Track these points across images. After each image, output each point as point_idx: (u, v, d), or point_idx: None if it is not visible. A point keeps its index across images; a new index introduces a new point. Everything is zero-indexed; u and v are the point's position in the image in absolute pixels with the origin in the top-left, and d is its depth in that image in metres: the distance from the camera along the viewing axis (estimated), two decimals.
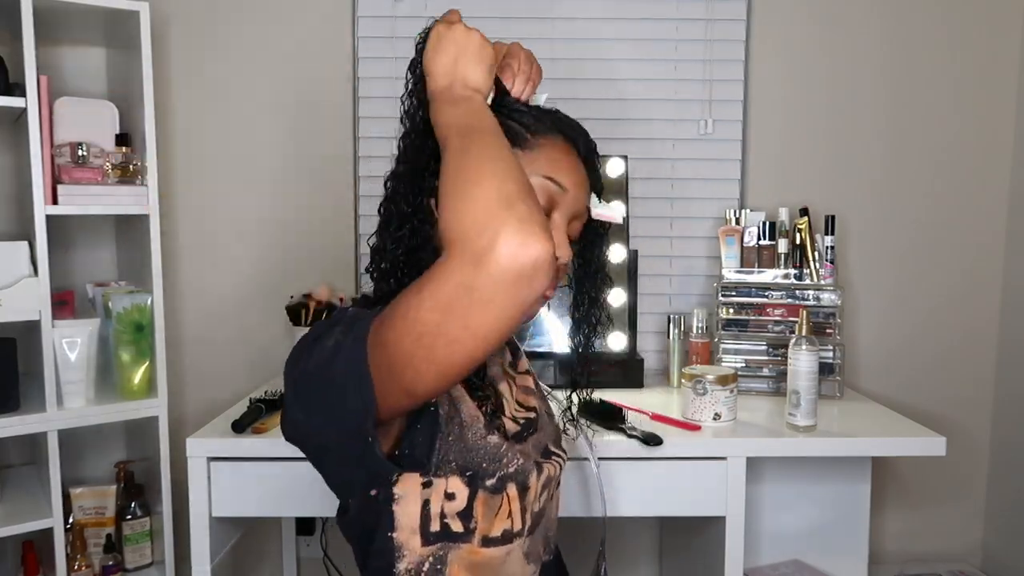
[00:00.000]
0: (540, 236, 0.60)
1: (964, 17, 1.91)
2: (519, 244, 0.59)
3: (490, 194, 0.62)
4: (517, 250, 0.59)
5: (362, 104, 1.89)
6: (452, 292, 0.61)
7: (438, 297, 0.62)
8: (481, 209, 0.61)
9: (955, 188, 1.94)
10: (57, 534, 1.52)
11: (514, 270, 0.59)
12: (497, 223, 0.60)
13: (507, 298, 0.61)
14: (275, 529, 1.93)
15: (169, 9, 1.84)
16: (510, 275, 0.59)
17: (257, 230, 1.90)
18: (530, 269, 0.60)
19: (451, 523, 0.77)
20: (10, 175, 1.75)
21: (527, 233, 0.60)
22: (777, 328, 1.73)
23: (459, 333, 0.62)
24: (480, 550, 0.79)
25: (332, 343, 0.70)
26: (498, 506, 0.79)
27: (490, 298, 0.60)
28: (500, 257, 0.59)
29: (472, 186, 0.64)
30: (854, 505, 1.66)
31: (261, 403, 1.45)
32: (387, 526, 0.77)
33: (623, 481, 1.34)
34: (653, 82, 1.91)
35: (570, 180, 0.81)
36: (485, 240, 0.60)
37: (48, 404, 1.51)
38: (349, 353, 0.68)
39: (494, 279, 0.60)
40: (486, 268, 0.59)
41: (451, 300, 0.61)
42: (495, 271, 0.59)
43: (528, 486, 0.81)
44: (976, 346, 1.98)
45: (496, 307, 0.61)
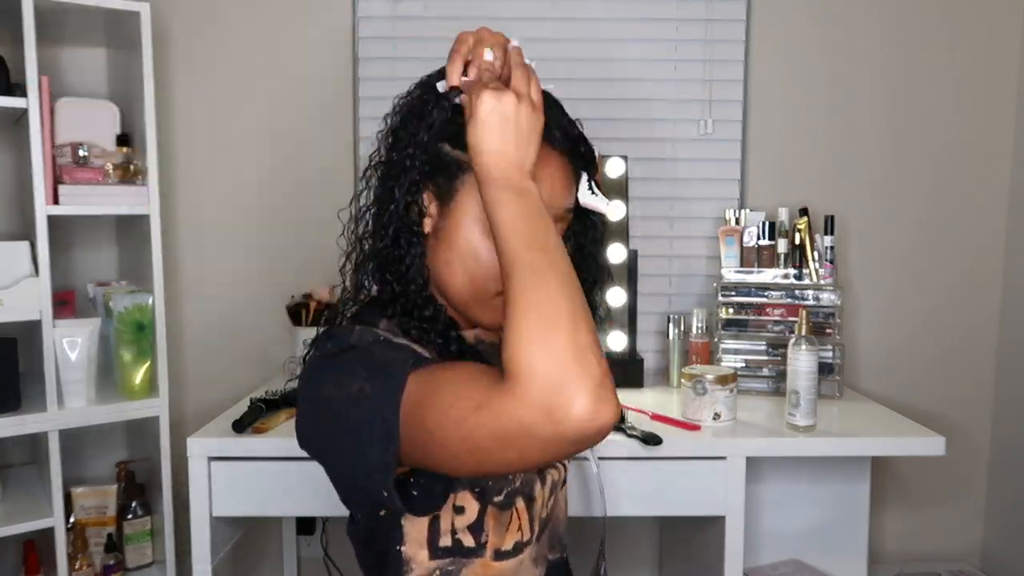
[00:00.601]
0: (612, 402, 0.60)
1: (964, 17, 1.91)
2: (593, 412, 0.59)
3: (567, 345, 0.61)
4: (592, 417, 0.59)
5: (362, 104, 1.89)
6: (515, 429, 0.61)
7: (498, 429, 0.62)
8: (558, 361, 0.60)
9: (955, 188, 1.94)
10: (58, 534, 1.53)
11: (585, 434, 0.60)
12: (575, 385, 0.59)
13: (569, 450, 0.62)
14: (275, 529, 1.93)
15: (169, 9, 1.84)
16: (578, 436, 0.60)
17: (257, 230, 1.90)
18: (597, 434, 0.60)
19: (463, 538, 0.78)
20: (11, 175, 1.76)
21: (602, 400, 0.59)
22: (777, 328, 1.73)
23: (512, 459, 0.63)
24: (493, 564, 0.80)
25: (357, 387, 0.69)
26: (508, 521, 0.80)
27: (553, 447, 0.61)
28: (573, 420, 0.59)
29: (549, 329, 0.62)
30: (854, 505, 1.66)
31: (261, 403, 1.46)
32: (396, 539, 0.78)
33: (623, 481, 1.34)
34: (653, 82, 1.91)
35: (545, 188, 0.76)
36: (562, 398, 0.59)
37: (49, 404, 1.51)
38: (378, 407, 0.67)
39: (562, 436, 0.59)
40: (557, 424, 0.59)
41: (513, 436, 0.61)
42: (565, 430, 0.59)
43: (534, 497, 0.82)
44: (976, 346, 1.98)
45: (556, 453, 0.63)
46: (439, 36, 1.86)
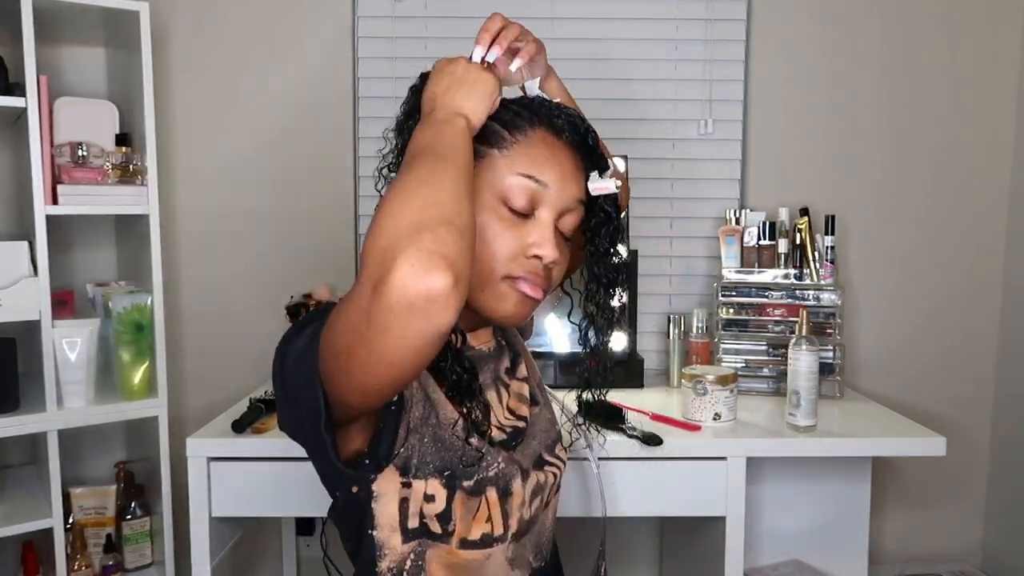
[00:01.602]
0: (437, 268, 0.56)
1: (964, 17, 1.91)
2: (412, 275, 0.56)
3: (402, 221, 0.59)
4: (409, 280, 0.56)
5: (362, 104, 1.88)
6: (355, 317, 0.60)
7: (347, 319, 0.61)
8: (389, 234, 0.59)
9: (955, 188, 1.94)
10: (57, 534, 1.52)
11: (404, 301, 0.56)
12: (394, 251, 0.57)
13: (402, 328, 0.58)
14: (275, 529, 1.93)
15: (169, 9, 1.84)
16: (401, 306, 0.57)
17: (257, 230, 1.90)
18: (422, 302, 0.56)
19: (429, 523, 0.77)
20: (10, 175, 1.75)
21: (423, 264, 0.56)
22: (777, 328, 1.73)
23: (366, 357, 0.61)
24: (458, 551, 0.79)
25: (302, 342, 0.71)
26: (476, 508, 0.78)
27: (384, 327, 0.58)
28: (391, 287, 0.56)
29: (395, 208, 0.61)
30: (854, 505, 1.66)
31: (261, 403, 1.45)
32: (369, 524, 0.77)
33: (623, 481, 1.34)
34: (653, 82, 1.91)
35: (553, 174, 0.78)
36: (383, 268, 0.57)
37: (48, 404, 1.51)
38: (306, 351, 0.69)
39: (385, 309, 0.57)
40: (379, 297, 0.57)
41: (356, 324, 0.60)
42: (385, 301, 0.57)
43: (511, 491, 0.80)
44: (976, 346, 1.97)
45: (392, 336, 0.59)
46: (439, 36, 1.88)
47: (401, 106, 0.85)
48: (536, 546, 0.89)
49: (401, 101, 0.86)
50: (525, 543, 0.86)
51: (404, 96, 0.86)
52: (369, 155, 1.89)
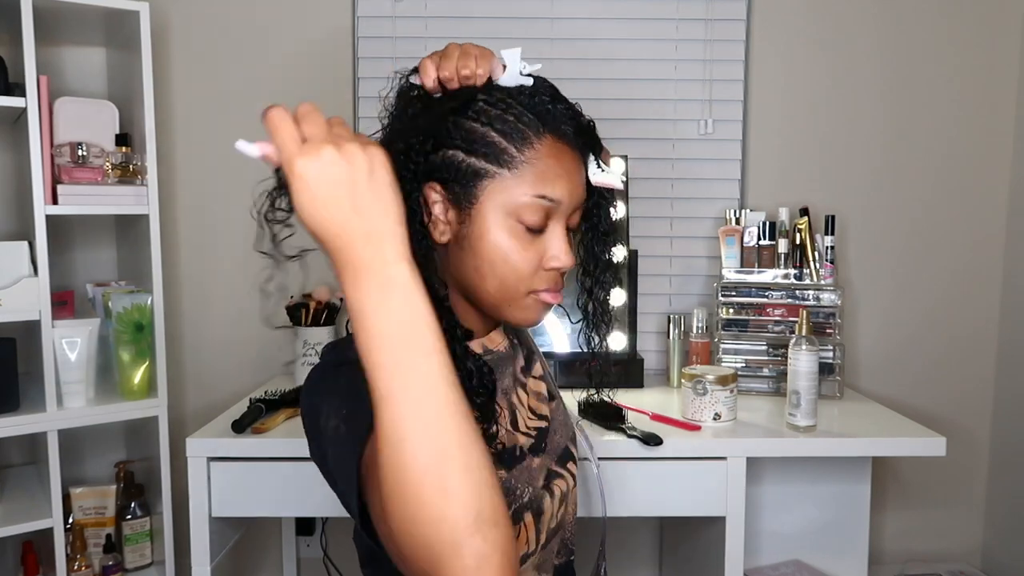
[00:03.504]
0: (491, 559, 0.51)
1: (964, 17, 1.91)
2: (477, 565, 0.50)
3: (425, 522, 0.51)
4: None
5: (362, 104, 1.88)
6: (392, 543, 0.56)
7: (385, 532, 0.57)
8: (420, 543, 0.51)
9: (955, 188, 1.94)
10: (57, 534, 1.52)
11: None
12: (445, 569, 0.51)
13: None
14: (275, 529, 1.93)
15: (169, 9, 1.84)
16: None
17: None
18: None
19: None
20: (10, 175, 1.75)
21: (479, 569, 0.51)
22: (777, 328, 1.73)
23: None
24: None
25: (334, 425, 0.67)
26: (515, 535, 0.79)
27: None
28: None
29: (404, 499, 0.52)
30: (854, 505, 1.66)
31: (261, 403, 1.45)
32: None
33: (623, 481, 1.34)
34: (653, 82, 1.91)
35: (562, 186, 0.76)
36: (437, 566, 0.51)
37: (48, 404, 1.51)
38: (345, 457, 0.65)
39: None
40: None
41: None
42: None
43: (543, 511, 0.82)
44: (976, 346, 1.97)
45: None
46: (439, 36, 1.88)
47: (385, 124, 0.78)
48: (560, 544, 0.90)
49: None
50: (551, 546, 0.87)
51: None
52: None
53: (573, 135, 0.78)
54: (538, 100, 0.76)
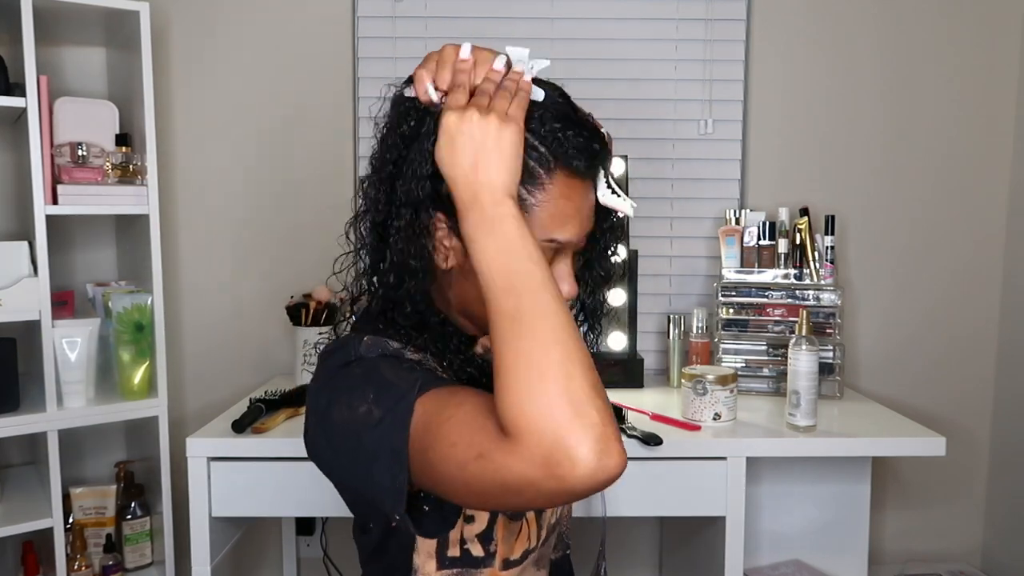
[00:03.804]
0: (617, 452, 0.58)
1: (964, 17, 1.91)
2: (597, 466, 0.56)
3: (561, 398, 0.58)
4: (595, 470, 0.56)
5: (362, 104, 1.88)
6: (518, 482, 0.59)
7: (500, 480, 0.60)
8: (553, 415, 0.57)
9: (955, 188, 1.94)
10: (57, 534, 1.52)
11: (591, 487, 0.57)
12: (574, 439, 0.56)
13: (577, 499, 0.60)
14: (275, 529, 1.93)
15: (169, 9, 1.84)
16: (585, 489, 0.58)
17: (257, 230, 1.90)
18: (603, 484, 0.58)
19: (471, 547, 0.78)
20: (10, 175, 1.75)
21: (606, 453, 0.57)
22: (777, 328, 1.73)
23: (517, 503, 0.63)
24: (501, 573, 0.80)
25: (365, 409, 0.67)
26: (519, 530, 0.80)
27: (560, 498, 0.60)
28: (578, 475, 0.56)
29: (541, 382, 0.59)
30: (854, 505, 1.66)
31: (261, 403, 1.45)
32: (407, 547, 0.78)
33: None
34: (653, 82, 1.91)
35: (573, 228, 0.74)
36: (562, 455, 0.56)
37: (48, 404, 1.51)
38: (387, 434, 0.66)
39: (567, 490, 0.58)
40: (561, 480, 0.57)
41: (516, 487, 0.59)
42: (570, 485, 0.57)
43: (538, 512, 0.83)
44: (976, 346, 1.97)
45: (563, 502, 0.62)
46: (439, 36, 1.88)
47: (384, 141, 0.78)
48: (558, 538, 0.91)
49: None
50: (550, 542, 0.88)
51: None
52: (368, 155, 1.88)
53: (589, 175, 0.75)
54: (549, 129, 0.71)
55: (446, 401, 0.65)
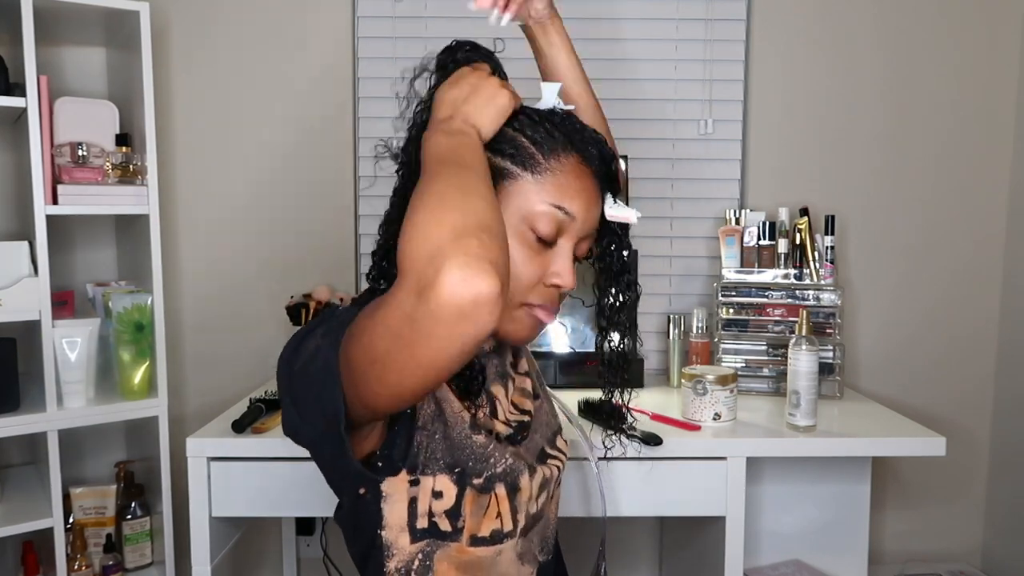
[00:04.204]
0: (486, 273, 0.57)
1: (964, 17, 1.91)
2: (461, 280, 0.56)
3: (444, 227, 0.60)
4: (458, 286, 0.56)
5: (362, 104, 1.88)
6: (398, 322, 0.60)
7: (387, 324, 0.61)
8: (432, 240, 0.59)
9: (955, 188, 1.94)
10: (57, 534, 1.52)
11: (454, 306, 0.57)
12: (442, 257, 0.57)
13: (448, 333, 0.58)
14: (275, 529, 1.93)
15: (169, 9, 1.84)
16: (449, 311, 0.57)
17: (257, 230, 1.90)
18: (470, 306, 0.57)
19: (439, 521, 0.78)
20: (10, 175, 1.75)
21: (472, 269, 0.56)
22: (777, 328, 1.73)
23: (406, 362, 0.61)
24: (469, 549, 0.79)
25: (314, 345, 0.70)
26: (486, 505, 0.79)
27: (430, 331, 0.58)
28: (441, 292, 0.56)
29: (430, 216, 0.61)
30: (854, 505, 1.66)
31: (261, 403, 1.45)
32: (376, 524, 0.77)
33: (623, 481, 1.34)
34: (653, 82, 1.91)
35: (580, 204, 0.78)
36: (429, 273, 0.57)
37: (48, 404, 1.51)
38: (324, 355, 0.68)
39: (433, 314, 0.57)
40: (427, 302, 0.57)
41: (398, 329, 0.60)
42: (434, 306, 0.57)
43: (519, 487, 0.81)
44: (976, 346, 1.98)
45: (437, 341, 0.59)
46: (439, 36, 1.87)
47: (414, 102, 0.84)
48: (542, 540, 0.90)
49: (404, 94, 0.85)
50: (532, 537, 0.87)
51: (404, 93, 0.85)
52: (368, 155, 1.89)
53: (598, 163, 0.81)
54: (569, 123, 0.81)
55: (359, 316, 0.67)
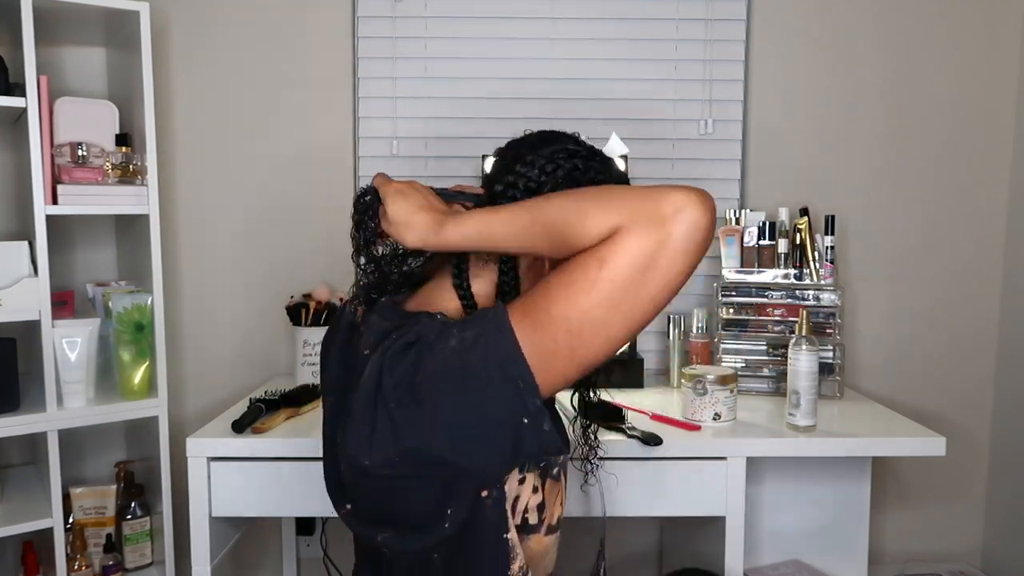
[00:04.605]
0: (713, 208, 0.67)
1: (964, 17, 1.91)
2: (686, 193, 0.65)
3: (635, 194, 0.68)
4: (704, 205, 0.66)
5: (362, 104, 1.88)
6: (650, 250, 0.66)
7: (634, 262, 0.66)
8: (643, 193, 0.67)
9: (955, 188, 1.94)
10: (57, 534, 1.52)
11: (704, 223, 0.66)
12: (673, 192, 0.66)
13: (695, 254, 0.67)
14: (275, 529, 1.93)
15: (169, 9, 1.84)
16: (698, 229, 0.65)
17: (257, 230, 1.90)
18: (711, 220, 0.66)
19: (530, 516, 0.80)
20: (10, 175, 1.75)
21: (700, 192, 0.66)
22: (777, 328, 1.73)
23: (657, 284, 0.67)
24: (544, 539, 0.82)
25: (455, 341, 0.70)
26: (557, 493, 0.83)
27: (672, 259, 0.66)
28: (691, 215, 0.65)
29: (609, 194, 0.69)
30: (854, 505, 1.65)
31: (261, 403, 1.45)
32: (502, 527, 0.77)
33: (623, 481, 1.34)
34: (653, 82, 1.91)
35: None
36: (669, 206, 0.65)
37: (48, 404, 1.51)
38: (494, 342, 0.69)
39: (684, 235, 0.65)
40: (677, 225, 0.65)
41: (651, 257, 0.66)
42: (686, 228, 0.65)
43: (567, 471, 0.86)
44: (976, 346, 1.98)
45: (680, 265, 0.67)
46: (439, 36, 1.88)
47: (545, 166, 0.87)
48: None
49: None
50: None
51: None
52: (368, 154, 1.89)
53: None
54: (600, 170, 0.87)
55: (528, 291, 0.74)
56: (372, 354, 0.75)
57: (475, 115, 1.87)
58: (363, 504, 0.81)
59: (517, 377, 0.68)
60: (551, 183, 0.82)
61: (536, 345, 0.68)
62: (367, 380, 0.73)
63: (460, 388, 0.69)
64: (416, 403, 0.70)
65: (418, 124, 1.88)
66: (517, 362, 0.68)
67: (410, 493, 0.76)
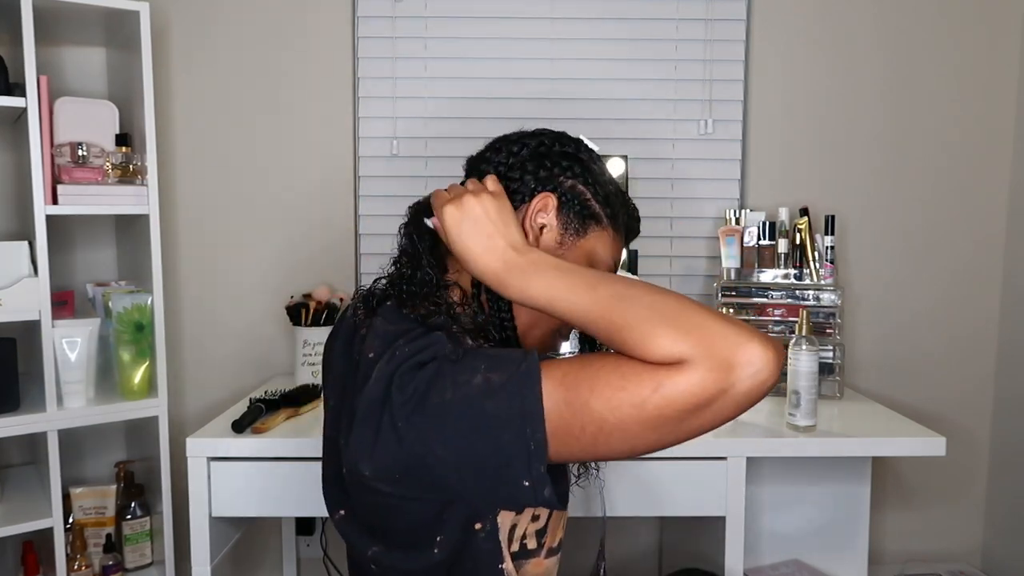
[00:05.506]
0: (772, 342, 0.64)
1: (964, 17, 1.91)
2: (764, 349, 0.63)
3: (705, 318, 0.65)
4: (769, 359, 0.63)
5: (362, 104, 1.88)
6: (705, 395, 0.63)
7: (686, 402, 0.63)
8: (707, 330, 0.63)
9: (955, 188, 1.94)
10: (57, 534, 1.52)
11: (770, 384, 0.63)
12: (752, 341, 0.63)
13: (748, 407, 0.64)
14: (275, 529, 1.93)
15: (169, 9, 1.84)
16: (758, 382, 0.63)
17: (257, 230, 1.90)
18: (776, 369, 0.63)
19: (528, 542, 0.80)
20: (10, 175, 1.75)
21: (766, 343, 0.63)
22: (777, 328, 1.73)
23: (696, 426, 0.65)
24: (544, 562, 0.82)
25: (479, 380, 0.67)
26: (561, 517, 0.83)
27: (741, 402, 0.64)
28: (756, 365, 0.62)
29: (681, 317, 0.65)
30: (854, 505, 1.65)
31: (261, 403, 1.45)
32: (497, 558, 0.77)
33: (623, 481, 1.34)
34: (653, 82, 1.91)
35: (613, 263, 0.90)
36: (744, 355, 0.62)
37: (48, 404, 1.51)
38: (516, 396, 0.66)
39: (744, 385, 0.62)
40: (745, 381, 0.62)
41: (704, 403, 0.63)
42: (754, 375, 0.62)
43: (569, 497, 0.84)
44: (976, 346, 1.97)
45: (731, 413, 0.64)
46: (439, 36, 1.88)
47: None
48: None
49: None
50: None
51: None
52: (368, 154, 1.89)
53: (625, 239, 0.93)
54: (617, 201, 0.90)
55: (576, 361, 0.68)
56: (378, 360, 0.72)
57: (475, 115, 1.87)
58: (359, 510, 0.81)
59: (530, 437, 0.65)
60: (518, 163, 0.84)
61: (563, 420, 0.65)
62: (373, 387, 0.70)
63: (474, 426, 0.67)
64: (425, 424, 0.68)
65: (418, 124, 1.88)
66: (536, 425, 0.65)
67: (404, 511, 0.75)
